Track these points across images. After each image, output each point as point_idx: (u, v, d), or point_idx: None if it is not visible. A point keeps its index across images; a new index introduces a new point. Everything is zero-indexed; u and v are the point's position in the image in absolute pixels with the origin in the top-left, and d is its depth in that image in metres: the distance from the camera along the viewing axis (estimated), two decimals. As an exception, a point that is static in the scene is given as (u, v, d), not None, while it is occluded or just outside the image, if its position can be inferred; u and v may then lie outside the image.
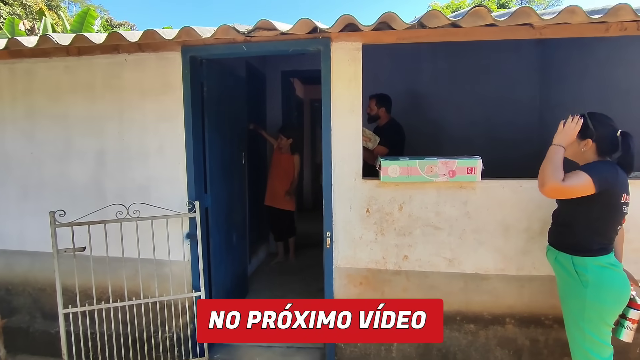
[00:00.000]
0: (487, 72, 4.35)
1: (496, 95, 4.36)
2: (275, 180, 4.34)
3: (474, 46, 4.22)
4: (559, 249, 1.97)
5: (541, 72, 4.32)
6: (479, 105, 4.38)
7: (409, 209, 2.43)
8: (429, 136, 4.38)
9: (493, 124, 4.32)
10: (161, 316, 2.69)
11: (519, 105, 4.35)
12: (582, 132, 1.85)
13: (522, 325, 2.43)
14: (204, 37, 2.13)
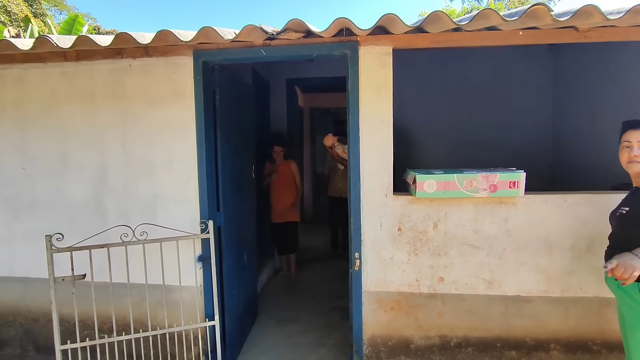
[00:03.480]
0: (500, 80, 4.23)
1: (509, 103, 4.23)
2: (279, 194, 4.06)
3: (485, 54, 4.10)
4: None
5: (555, 80, 4.21)
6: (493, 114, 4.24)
7: (444, 226, 2.23)
8: (440, 145, 4.23)
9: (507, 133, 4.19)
10: (171, 348, 2.43)
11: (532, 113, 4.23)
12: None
13: (568, 352, 2.24)
14: (225, 39, 1.91)
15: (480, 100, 4.30)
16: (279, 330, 3.20)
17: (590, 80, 3.62)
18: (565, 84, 4.06)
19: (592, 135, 3.25)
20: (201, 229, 2.36)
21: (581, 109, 3.72)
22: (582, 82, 3.76)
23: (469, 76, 4.32)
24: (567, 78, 4.01)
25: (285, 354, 2.85)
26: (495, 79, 4.27)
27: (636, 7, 1.65)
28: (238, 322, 2.83)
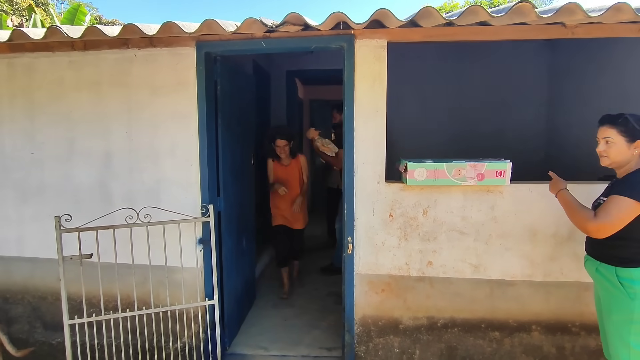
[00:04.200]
0: (497, 75, 4.32)
1: (506, 98, 4.33)
2: (289, 197, 3.50)
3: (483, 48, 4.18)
4: (601, 260, 1.88)
5: (550, 75, 4.30)
6: (488, 108, 4.34)
7: (434, 213, 2.34)
8: (437, 137, 4.33)
9: (502, 126, 4.29)
10: (172, 325, 2.56)
11: (528, 107, 4.33)
12: (629, 135, 1.79)
13: (549, 333, 2.37)
14: (227, 31, 2.01)
15: (478, 94, 4.39)
16: (276, 313, 3.33)
17: (583, 75, 3.72)
18: (559, 79, 4.15)
19: (583, 129, 3.35)
20: (202, 213, 2.48)
21: (574, 104, 3.82)
22: (575, 77, 3.85)
23: (466, 70, 4.41)
24: (562, 73, 4.10)
25: (282, 335, 2.98)
26: (492, 74, 4.36)
27: (617, 4, 1.74)
28: (236, 303, 2.96)
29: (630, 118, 1.79)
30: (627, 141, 1.80)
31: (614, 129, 1.83)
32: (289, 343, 2.88)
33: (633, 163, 1.80)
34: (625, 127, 1.80)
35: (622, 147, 1.81)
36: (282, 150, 3.39)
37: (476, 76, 4.38)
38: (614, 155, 1.83)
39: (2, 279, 2.79)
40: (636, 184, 1.73)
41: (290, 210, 3.51)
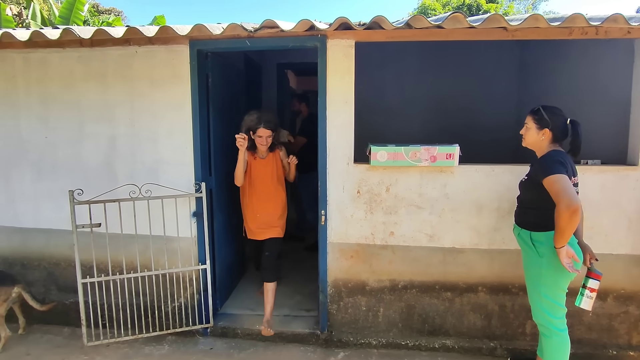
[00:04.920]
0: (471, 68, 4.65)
1: (478, 89, 4.67)
2: (262, 202, 2.96)
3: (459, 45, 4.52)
4: (521, 227, 2.29)
5: (519, 69, 4.64)
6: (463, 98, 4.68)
7: (395, 190, 2.72)
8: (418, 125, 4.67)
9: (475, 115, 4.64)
10: (170, 287, 2.95)
11: (498, 97, 4.67)
12: (539, 123, 2.16)
13: (492, 293, 2.77)
14: (214, 34, 2.35)
15: (453, 87, 4.73)
16: (263, 282, 3.73)
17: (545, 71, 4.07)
18: (527, 74, 4.50)
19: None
20: (195, 189, 2.85)
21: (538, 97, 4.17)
22: (539, 72, 4.21)
23: (443, 65, 4.74)
24: (529, 69, 4.45)
25: (267, 299, 3.38)
26: (467, 68, 4.69)
27: (533, 15, 2.10)
28: (227, 270, 3.35)
29: (543, 109, 2.17)
30: (538, 128, 2.18)
31: (531, 117, 2.22)
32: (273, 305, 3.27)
33: (545, 147, 2.18)
34: (538, 116, 2.19)
35: (534, 132, 2.20)
36: (264, 141, 2.85)
37: (454, 68, 4.71)
38: (528, 138, 2.23)
39: (21, 248, 3.18)
40: (550, 163, 2.10)
41: (265, 214, 2.96)
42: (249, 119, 2.92)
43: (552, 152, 2.17)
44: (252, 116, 2.92)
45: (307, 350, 2.83)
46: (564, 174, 2.05)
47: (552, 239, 2.13)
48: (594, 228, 2.54)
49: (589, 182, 2.56)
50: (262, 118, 2.89)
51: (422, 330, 2.85)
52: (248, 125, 2.91)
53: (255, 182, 2.96)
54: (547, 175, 2.08)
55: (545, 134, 2.15)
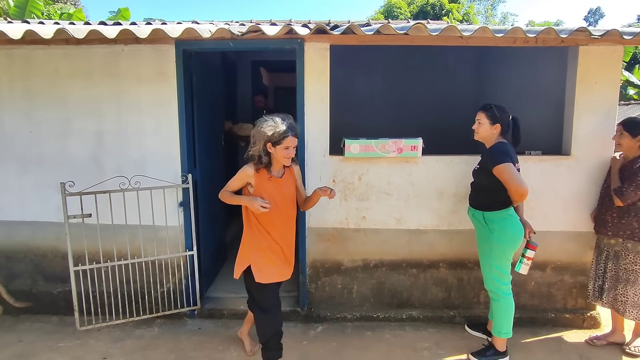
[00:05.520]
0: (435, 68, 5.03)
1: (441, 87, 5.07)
2: (284, 233, 2.38)
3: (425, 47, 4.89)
4: (475, 208, 2.67)
5: (477, 70, 5.09)
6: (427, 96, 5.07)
7: (366, 179, 3.04)
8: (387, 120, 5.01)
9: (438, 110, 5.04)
10: (159, 273, 3.14)
11: (458, 95, 5.10)
12: (492, 119, 2.54)
13: (452, 268, 3.15)
14: (203, 37, 2.56)
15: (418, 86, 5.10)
16: (244, 268, 3.97)
17: (498, 72, 4.53)
18: (483, 74, 4.95)
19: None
20: (182, 180, 3.05)
21: (491, 96, 4.62)
22: (492, 73, 4.66)
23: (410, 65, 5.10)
24: (485, 70, 4.90)
25: (249, 283, 3.63)
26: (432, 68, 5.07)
27: (482, 27, 2.46)
28: (211, 257, 3.57)
29: (494, 107, 2.55)
30: (490, 123, 2.56)
31: (484, 113, 2.59)
32: (255, 289, 3.52)
33: (494, 139, 2.57)
34: (490, 113, 2.56)
35: (487, 127, 2.57)
36: (291, 153, 2.25)
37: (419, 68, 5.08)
38: (481, 132, 2.60)
39: (5, 241, 3.25)
40: (498, 153, 2.48)
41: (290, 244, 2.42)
42: (269, 128, 2.17)
43: (499, 144, 2.56)
44: (273, 123, 2.19)
45: (289, 326, 3.10)
46: (509, 162, 2.44)
47: (501, 218, 2.53)
48: (535, 209, 2.97)
49: (531, 169, 2.99)
50: (290, 123, 2.24)
51: (391, 304, 3.19)
52: (269, 136, 2.17)
53: (272, 207, 2.23)
54: (496, 164, 2.46)
55: (496, 128, 2.54)
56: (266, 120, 2.23)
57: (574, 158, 3.00)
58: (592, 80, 2.95)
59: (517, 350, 2.75)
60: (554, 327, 3.06)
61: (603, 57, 2.92)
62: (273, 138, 2.18)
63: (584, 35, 2.51)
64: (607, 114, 2.97)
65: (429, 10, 24.61)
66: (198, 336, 2.99)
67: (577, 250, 3.06)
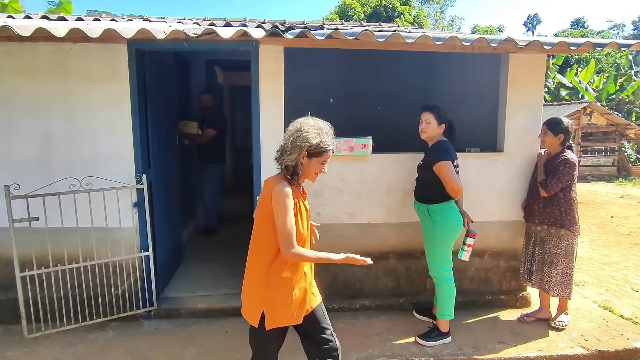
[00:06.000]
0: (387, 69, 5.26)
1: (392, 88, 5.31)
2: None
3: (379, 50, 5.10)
4: (420, 201, 2.90)
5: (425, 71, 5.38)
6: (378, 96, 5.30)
7: (320, 176, 3.15)
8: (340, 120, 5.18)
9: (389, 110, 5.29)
10: (113, 275, 3.09)
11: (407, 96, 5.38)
12: (439, 119, 2.77)
13: (400, 259, 3.37)
14: (157, 38, 2.57)
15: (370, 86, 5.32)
16: (202, 267, 4.00)
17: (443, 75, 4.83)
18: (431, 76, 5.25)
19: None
20: (136, 181, 3.03)
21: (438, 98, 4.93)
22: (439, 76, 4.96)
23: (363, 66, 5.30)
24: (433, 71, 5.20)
25: (206, 282, 3.66)
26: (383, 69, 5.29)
27: (423, 35, 2.67)
28: (167, 257, 3.56)
29: (440, 108, 2.79)
30: (437, 123, 2.79)
31: (432, 114, 2.81)
32: (213, 287, 3.56)
33: (437, 138, 2.80)
34: (438, 114, 2.79)
35: (435, 126, 2.80)
36: (323, 170, 2.03)
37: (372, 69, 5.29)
38: (429, 131, 2.82)
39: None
40: (440, 151, 2.72)
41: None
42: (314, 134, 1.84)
43: (442, 142, 2.80)
44: (318, 129, 1.87)
45: (246, 322, 3.17)
46: (449, 160, 2.68)
47: (443, 210, 2.77)
48: (474, 202, 3.25)
49: (470, 165, 3.27)
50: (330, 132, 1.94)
51: (345, 295, 3.36)
52: (312, 145, 1.84)
53: (305, 231, 2.01)
54: (437, 161, 2.69)
55: (441, 128, 2.77)
56: (308, 123, 1.87)
57: (507, 154, 3.32)
58: (521, 84, 3.28)
59: (459, 331, 3.01)
60: (492, 308, 3.37)
61: (530, 63, 3.26)
62: (315, 148, 1.84)
63: (511, 44, 2.80)
64: (533, 114, 3.31)
65: (382, 11, 25.29)
66: (155, 336, 2.99)
67: (510, 237, 3.38)
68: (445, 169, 2.67)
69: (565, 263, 3.02)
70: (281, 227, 1.77)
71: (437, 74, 5.01)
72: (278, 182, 1.85)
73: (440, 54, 4.73)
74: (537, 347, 2.84)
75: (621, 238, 6.08)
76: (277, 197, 1.80)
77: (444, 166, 2.68)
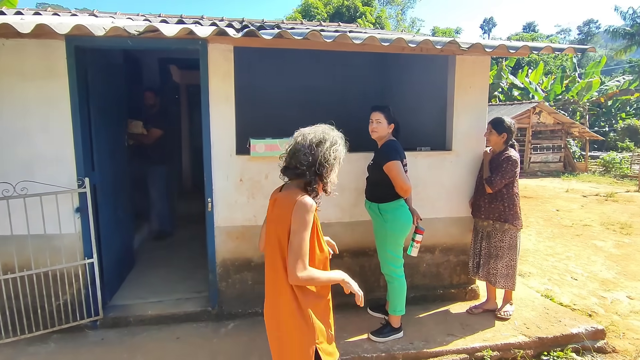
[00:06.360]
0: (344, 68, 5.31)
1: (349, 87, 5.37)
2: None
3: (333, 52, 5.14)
4: (371, 200, 2.95)
5: (381, 71, 5.49)
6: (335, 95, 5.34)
7: (273, 177, 3.15)
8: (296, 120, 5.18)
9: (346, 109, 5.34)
10: (54, 285, 2.92)
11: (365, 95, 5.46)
12: (389, 119, 2.82)
13: (354, 257, 3.41)
14: (95, 35, 2.45)
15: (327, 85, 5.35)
16: (154, 272, 3.87)
17: (397, 75, 4.94)
18: (387, 78, 5.35)
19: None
20: (78, 185, 2.89)
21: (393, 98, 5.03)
22: (394, 75, 5.07)
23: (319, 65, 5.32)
24: (389, 74, 5.31)
25: (159, 287, 3.55)
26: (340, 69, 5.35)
27: (371, 36, 2.72)
28: (115, 264, 3.42)
29: (390, 107, 2.84)
30: (387, 122, 2.84)
31: (382, 113, 2.86)
32: (165, 292, 3.46)
33: (387, 137, 2.86)
34: (388, 114, 2.85)
35: (385, 126, 2.85)
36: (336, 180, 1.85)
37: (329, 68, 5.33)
38: (380, 131, 2.87)
39: None
40: (390, 151, 2.77)
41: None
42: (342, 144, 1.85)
43: (392, 142, 2.86)
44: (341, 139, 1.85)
45: (200, 326, 3.11)
46: (398, 159, 2.74)
47: (393, 208, 2.83)
48: (424, 199, 3.34)
49: (420, 164, 3.36)
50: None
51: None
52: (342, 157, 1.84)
53: (326, 250, 1.90)
54: (387, 161, 2.75)
55: (391, 127, 2.83)
56: (332, 133, 1.78)
57: (455, 153, 3.44)
58: (467, 85, 3.41)
59: (411, 325, 3.08)
60: (442, 302, 3.48)
61: (475, 65, 3.39)
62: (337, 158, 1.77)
63: (455, 46, 2.90)
64: (479, 114, 3.45)
65: (344, 11, 25.51)
66: (101, 347, 2.86)
67: (459, 233, 3.51)
68: (395, 169, 2.73)
69: (509, 256, 3.17)
70: (297, 246, 1.58)
71: (391, 75, 5.14)
72: (299, 194, 1.65)
73: (394, 56, 4.85)
74: (484, 337, 2.97)
75: (564, 230, 6.47)
76: (300, 210, 1.60)
77: (393, 166, 2.73)
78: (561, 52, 3.11)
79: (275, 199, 1.77)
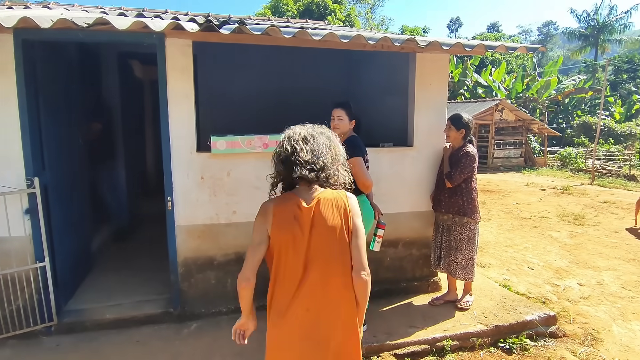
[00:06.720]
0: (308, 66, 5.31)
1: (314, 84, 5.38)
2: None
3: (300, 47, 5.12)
4: None
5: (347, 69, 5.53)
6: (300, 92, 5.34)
7: (235, 174, 3.12)
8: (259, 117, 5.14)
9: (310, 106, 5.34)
10: (5, 290, 2.77)
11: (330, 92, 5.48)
12: (350, 115, 2.84)
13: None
14: (42, 27, 2.33)
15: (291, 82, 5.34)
16: (114, 275, 3.74)
17: (361, 72, 4.98)
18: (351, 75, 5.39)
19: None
20: (27, 185, 2.75)
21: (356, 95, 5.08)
22: (359, 73, 5.11)
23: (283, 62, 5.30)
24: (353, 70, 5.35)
25: (118, 290, 3.43)
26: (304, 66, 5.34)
27: (330, 32, 2.73)
28: (70, 267, 3.28)
29: (350, 103, 2.86)
30: (349, 119, 2.86)
31: (343, 110, 2.87)
32: (124, 295, 3.35)
33: (348, 134, 2.88)
34: (349, 110, 2.86)
35: (346, 122, 2.87)
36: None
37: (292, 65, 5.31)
38: (342, 127, 2.88)
39: None
40: (352, 147, 2.77)
41: None
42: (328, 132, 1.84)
43: (353, 138, 2.88)
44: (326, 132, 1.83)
45: (161, 328, 3.04)
46: (360, 156, 2.77)
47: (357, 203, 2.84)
48: (387, 194, 3.40)
49: (383, 160, 3.41)
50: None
51: (265, 292, 3.33)
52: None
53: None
54: (349, 158, 2.76)
55: (353, 123, 2.85)
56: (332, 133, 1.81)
57: (416, 149, 3.51)
58: (427, 82, 3.49)
59: (375, 319, 3.13)
60: (406, 295, 3.56)
61: (434, 63, 3.47)
62: None
63: (414, 44, 2.96)
64: (439, 110, 3.54)
65: (314, 9, 25.50)
66: (56, 354, 2.74)
67: (421, 227, 3.59)
68: (357, 165, 2.75)
69: (469, 248, 3.27)
70: (362, 243, 1.58)
71: (356, 72, 5.18)
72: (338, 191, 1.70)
73: (360, 53, 4.90)
74: (444, 327, 3.06)
75: (523, 222, 6.76)
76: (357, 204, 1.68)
77: (355, 162, 2.75)
78: (514, 51, 3.24)
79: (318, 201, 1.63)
